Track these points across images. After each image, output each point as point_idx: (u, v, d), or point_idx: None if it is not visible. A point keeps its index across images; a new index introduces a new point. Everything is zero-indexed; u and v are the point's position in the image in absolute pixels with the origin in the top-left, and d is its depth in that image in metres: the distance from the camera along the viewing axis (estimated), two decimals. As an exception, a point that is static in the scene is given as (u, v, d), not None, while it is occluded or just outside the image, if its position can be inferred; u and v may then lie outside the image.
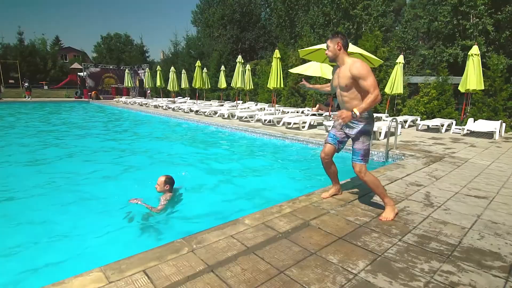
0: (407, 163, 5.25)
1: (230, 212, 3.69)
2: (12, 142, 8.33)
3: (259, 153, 7.56)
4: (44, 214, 3.74)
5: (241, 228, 2.58)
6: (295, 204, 3.19)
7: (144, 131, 11.21)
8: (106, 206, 3.92)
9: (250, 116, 11.93)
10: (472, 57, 9.57)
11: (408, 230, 2.67)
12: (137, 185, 4.72)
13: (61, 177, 5.17)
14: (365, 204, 3.28)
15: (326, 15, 27.10)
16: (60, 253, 2.87)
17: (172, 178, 3.84)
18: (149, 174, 5.36)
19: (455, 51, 22.98)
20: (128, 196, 3.80)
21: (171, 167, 5.99)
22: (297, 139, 8.03)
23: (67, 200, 4.09)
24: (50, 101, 24.71)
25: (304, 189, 4.77)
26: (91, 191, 4.49)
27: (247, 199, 4.35)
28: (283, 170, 6.00)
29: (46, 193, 4.49)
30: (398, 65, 11.22)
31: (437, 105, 13.49)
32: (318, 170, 5.97)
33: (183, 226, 3.36)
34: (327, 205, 3.19)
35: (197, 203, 4.06)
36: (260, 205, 4.01)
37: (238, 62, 13.68)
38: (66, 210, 3.84)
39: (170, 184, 3.77)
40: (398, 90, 11.33)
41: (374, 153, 6.42)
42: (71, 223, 3.45)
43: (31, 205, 4.00)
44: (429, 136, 8.86)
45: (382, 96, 15.06)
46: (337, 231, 2.62)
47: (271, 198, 4.39)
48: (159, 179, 3.76)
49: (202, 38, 31.34)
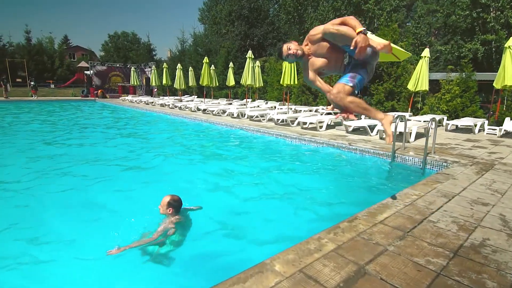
0: (455, 173, 4.39)
1: (252, 243, 2.93)
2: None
3: (276, 157, 6.73)
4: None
5: (271, 280, 1.81)
6: (337, 235, 2.40)
7: (149, 131, 10.53)
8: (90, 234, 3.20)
9: (261, 115, 11.15)
10: (510, 49, 8.58)
11: (509, 282, 1.86)
12: (133, 204, 3.99)
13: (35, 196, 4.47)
14: (430, 234, 2.47)
15: (337, 10, 26.13)
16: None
17: (179, 200, 3.05)
18: (150, 188, 4.63)
19: (475, 46, 21.75)
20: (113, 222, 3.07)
21: (174, 179, 5.25)
22: (316, 141, 7.21)
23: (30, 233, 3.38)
24: (56, 100, 24.32)
25: (338, 204, 3.98)
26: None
27: (271, 220, 3.55)
28: (307, 179, 5.19)
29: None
30: (423, 59, 10.26)
31: (460, 103, 12.52)
32: (350, 180, 5.05)
33: (188, 269, 2.60)
34: (380, 237, 2.39)
35: (209, 229, 3.27)
36: (290, 228, 3.26)
37: (248, 57, 12.85)
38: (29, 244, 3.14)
39: (174, 207, 2.99)
40: (422, 86, 10.37)
41: (408, 158, 5.57)
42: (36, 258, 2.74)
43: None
44: (462, 137, 7.93)
45: (402, 93, 14.09)
46: (408, 284, 1.82)
47: (301, 217, 3.61)
48: (163, 200, 3.00)
49: (210, 36, 30.62)
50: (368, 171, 5.44)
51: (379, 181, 4.99)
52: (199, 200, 3.87)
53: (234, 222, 3.53)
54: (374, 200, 4.10)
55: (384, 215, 2.80)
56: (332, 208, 3.85)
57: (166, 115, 14.04)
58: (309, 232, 3.02)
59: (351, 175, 5.25)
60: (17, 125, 11.10)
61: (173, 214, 2.97)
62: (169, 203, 2.95)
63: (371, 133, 7.79)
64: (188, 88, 23.31)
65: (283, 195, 4.38)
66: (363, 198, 4.14)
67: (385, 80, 14.70)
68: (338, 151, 6.64)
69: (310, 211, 3.80)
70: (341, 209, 3.82)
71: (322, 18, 25.22)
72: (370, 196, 4.31)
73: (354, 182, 4.94)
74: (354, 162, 5.94)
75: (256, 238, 3.09)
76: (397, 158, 5.70)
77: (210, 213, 3.55)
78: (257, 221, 3.54)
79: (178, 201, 3.02)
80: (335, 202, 4.06)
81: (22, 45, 38.87)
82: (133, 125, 11.91)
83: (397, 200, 3.22)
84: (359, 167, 5.66)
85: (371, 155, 6.03)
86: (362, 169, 5.58)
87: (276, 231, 3.26)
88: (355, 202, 3.93)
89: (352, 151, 6.39)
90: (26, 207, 3.83)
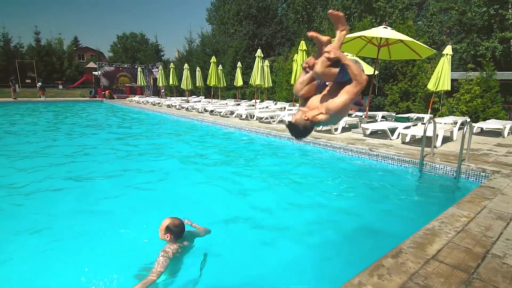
0: (501, 186, 3.80)
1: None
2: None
3: (288, 164, 6.20)
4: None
5: None
6: (383, 278, 1.86)
7: (154, 134, 10.12)
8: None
9: (271, 117, 10.62)
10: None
11: None
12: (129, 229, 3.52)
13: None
14: (502, 277, 1.91)
15: (347, 9, 25.46)
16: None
17: (180, 225, 2.50)
18: (143, 201, 4.17)
19: (493, 44, 20.89)
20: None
21: (177, 190, 4.78)
22: (332, 145, 6.66)
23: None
24: (63, 100, 24.25)
25: (368, 224, 3.42)
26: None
27: (298, 254, 3.01)
28: (327, 192, 4.65)
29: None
30: (444, 57, 9.56)
31: (481, 103, 11.81)
32: (376, 193, 4.33)
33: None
34: (440, 283, 1.84)
35: (216, 261, 2.71)
36: (316, 257, 2.70)
37: (257, 56, 12.32)
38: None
39: (174, 233, 2.46)
40: (444, 86, 9.67)
41: (438, 166, 4.98)
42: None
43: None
44: (492, 141, 7.27)
45: (418, 93, 13.39)
46: None
47: (328, 241, 3.08)
48: (162, 223, 2.49)
49: (217, 36, 30.24)
50: (394, 182, 4.86)
51: (410, 195, 4.42)
52: (206, 217, 3.38)
53: (243, 254, 2.93)
54: (409, 218, 3.56)
55: (435, 246, 2.26)
56: (362, 230, 3.31)
57: (172, 116, 13.63)
58: (341, 265, 2.51)
59: (376, 187, 4.69)
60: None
61: (172, 241, 2.46)
62: (167, 228, 2.44)
63: (392, 136, 7.19)
64: (195, 89, 22.92)
65: (302, 211, 3.85)
66: (396, 217, 3.59)
67: (400, 80, 14.03)
68: (358, 158, 6.08)
69: (336, 232, 3.27)
70: (372, 230, 3.28)
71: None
72: (404, 213, 3.76)
73: (380, 195, 4.38)
74: (377, 171, 5.37)
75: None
76: (425, 166, 5.11)
77: (218, 238, 3.01)
78: (277, 248, 3.00)
79: (179, 226, 2.48)
80: (365, 222, 3.52)
81: (31, 46, 39.15)
82: (138, 127, 11.53)
83: (444, 224, 2.66)
84: (383, 177, 5.09)
85: (396, 162, 5.45)
86: (388, 179, 5.00)
87: (300, 263, 2.71)
88: (387, 222, 3.39)
89: (374, 158, 5.82)
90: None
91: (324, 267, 2.61)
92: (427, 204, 4.04)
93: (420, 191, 4.61)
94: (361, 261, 2.24)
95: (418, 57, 8.93)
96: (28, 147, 7.29)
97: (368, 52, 9.13)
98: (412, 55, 8.84)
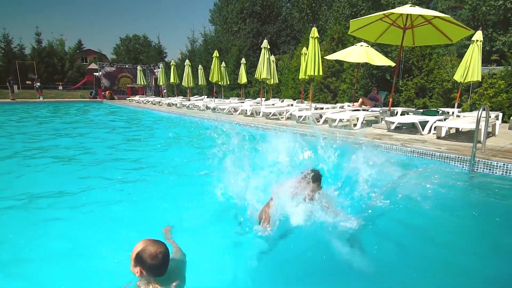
0: None
1: None
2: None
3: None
4: None
5: None
6: None
7: (150, 135, 9.21)
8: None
9: (279, 113, 9.66)
10: None
11: None
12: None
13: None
14: None
15: (353, 6, 24.56)
16: None
17: (159, 255, 1.47)
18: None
19: (510, 39, 19.98)
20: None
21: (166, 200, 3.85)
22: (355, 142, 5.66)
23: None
24: (63, 101, 23.54)
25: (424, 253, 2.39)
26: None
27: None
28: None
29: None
30: (474, 44, 8.49)
31: (506, 98, 10.76)
32: (426, 201, 3.24)
33: None
34: None
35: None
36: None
37: (263, 48, 11.32)
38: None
39: (147, 267, 1.46)
40: (474, 77, 8.59)
41: (496, 165, 3.95)
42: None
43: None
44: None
45: (435, 89, 12.29)
46: None
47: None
48: (133, 249, 1.51)
49: (220, 35, 29.47)
50: (445, 185, 3.76)
51: (473, 204, 3.35)
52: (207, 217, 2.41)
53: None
54: (490, 246, 2.52)
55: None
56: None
57: (172, 115, 12.73)
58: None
59: (426, 192, 3.59)
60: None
61: (147, 280, 1.46)
62: (137, 258, 1.45)
63: (423, 131, 6.18)
64: (197, 87, 22.10)
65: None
66: (468, 239, 2.57)
67: (416, 75, 12.97)
68: (390, 156, 5.06)
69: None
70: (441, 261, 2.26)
71: (338, 15, 23.79)
72: (479, 231, 2.72)
73: (431, 204, 3.28)
74: (417, 171, 4.34)
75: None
76: (477, 165, 4.09)
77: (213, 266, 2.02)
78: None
79: (156, 258, 1.46)
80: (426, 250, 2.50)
81: (32, 47, 38.78)
82: (129, 127, 10.64)
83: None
84: (429, 179, 4.03)
85: (439, 159, 4.43)
86: (436, 182, 3.91)
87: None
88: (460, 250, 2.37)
89: (408, 154, 4.81)
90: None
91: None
92: (506, 219, 3.00)
93: (486, 201, 3.49)
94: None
95: (448, 41, 7.87)
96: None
97: (390, 38, 8.07)
98: (441, 39, 7.75)
